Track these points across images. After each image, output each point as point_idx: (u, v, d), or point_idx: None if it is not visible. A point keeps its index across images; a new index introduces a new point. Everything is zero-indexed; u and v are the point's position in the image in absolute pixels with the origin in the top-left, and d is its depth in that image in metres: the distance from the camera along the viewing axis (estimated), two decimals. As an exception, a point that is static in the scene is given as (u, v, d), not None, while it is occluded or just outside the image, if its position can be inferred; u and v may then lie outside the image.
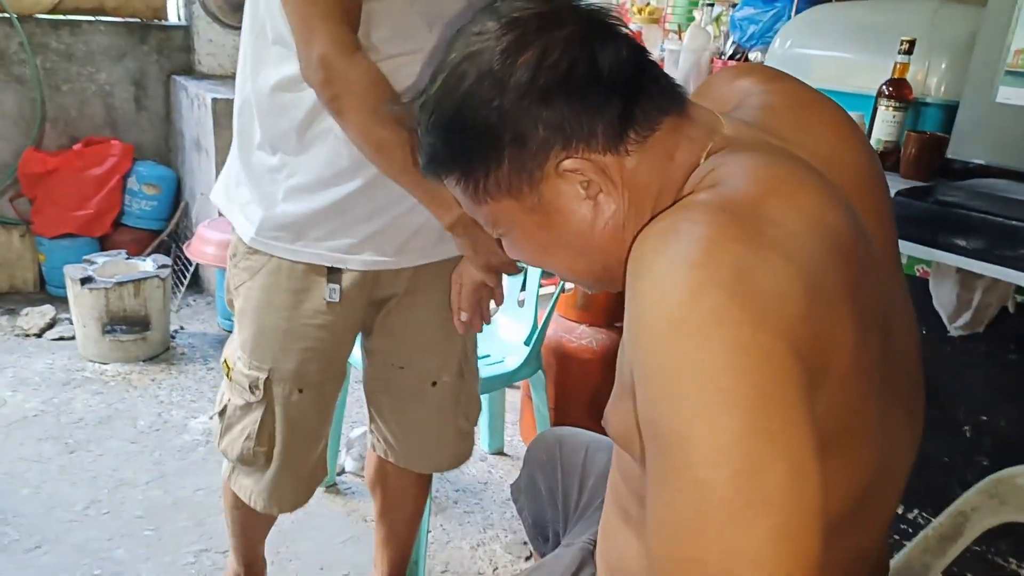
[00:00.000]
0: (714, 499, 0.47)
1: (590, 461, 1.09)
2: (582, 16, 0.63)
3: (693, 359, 0.49)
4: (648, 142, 0.63)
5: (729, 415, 0.48)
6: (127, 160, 3.23)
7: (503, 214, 0.67)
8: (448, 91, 0.64)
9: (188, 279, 3.09)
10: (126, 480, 2.01)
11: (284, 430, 1.24)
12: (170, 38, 3.32)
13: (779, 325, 0.50)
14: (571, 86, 0.61)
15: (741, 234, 0.53)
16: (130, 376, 2.54)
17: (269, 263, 1.18)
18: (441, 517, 1.93)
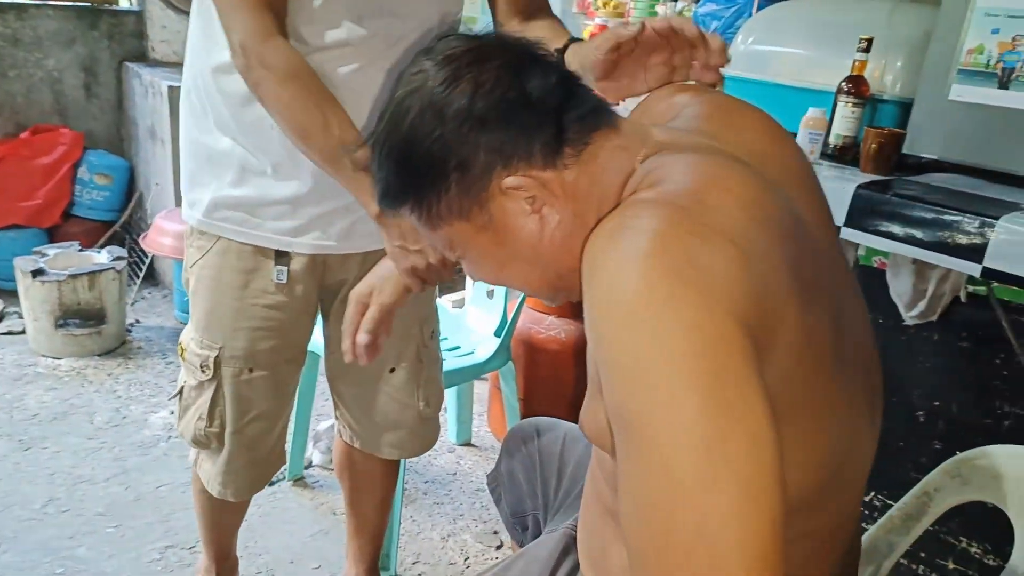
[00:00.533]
0: (680, 471, 0.50)
1: (568, 450, 1.11)
2: (509, 49, 0.69)
3: (651, 343, 0.52)
4: (583, 155, 0.68)
5: (688, 392, 0.51)
6: (77, 149, 3.13)
7: (458, 236, 0.71)
8: (394, 127, 0.69)
9: (144, 271, 3.02)
10: (85, 477, 1.97)
11: (235, 410, 1.25)
12: (122, 23, 3.23)
13: (728, 304, 0.53)
14: (505, 111, 0.66)
15: (684, 222, 0.57)
16: (85, 371, 2.48)
17: (218, 243, 1.19)
18: (411, 508, 1.94)
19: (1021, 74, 1.41)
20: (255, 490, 1.37)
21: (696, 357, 0.51)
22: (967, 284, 1.49)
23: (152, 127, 2.98)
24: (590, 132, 0.68)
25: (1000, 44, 1.43)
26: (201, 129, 1.17)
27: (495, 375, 2.08)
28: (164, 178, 2.94)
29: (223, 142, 1.14)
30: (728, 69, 1.91)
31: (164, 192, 2.97)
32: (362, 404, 1.36)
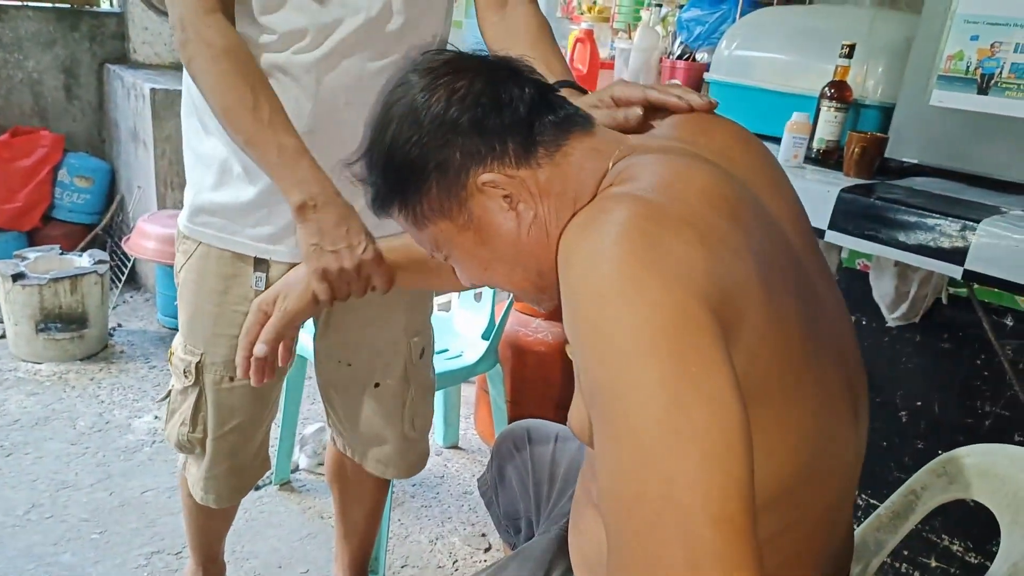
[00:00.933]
0: (647, 438, 0.53)
1: (559, 451, 1.12)
2: (486, 61, 0.75)
3: (618, 321, 0.55)
4: (557, 156, 0.71)
5: (652, 364, 0.54)
6: (57, 151, 3.10)
7: (442, 235, 0.75)
8: (379, 136, 0.74)
9: (125, 275, 3.00)
10: (68, 483, 1.95)
11: (216, 417, 1.24)
12: (103, 25, 3.20)
13: (689, 284, 0.56)
14: (478, 114, 0.70)
15: (649, 212, 0.60)
16: (67, 376, 2.45)
17: (199, 247, 1.18)
18: (399, 511, 1.94)
19: (1000, 80, 1.44)
20: (238, 497, 1.37)
21: (659, 330, 0.54)
22: (948, 286, 1.51)
23: (134, 129, 2.95)
24: (565, 135, 0.72)
25: (979, 51, 1.46)
26: (191, 130, 1.17)
27: (482, 377, 2.09)
28: (147, 181, 2.92)
29: (207, 144, 1.14)
30: (712, 74, 1.94)
31: (147, 195, 2.94)
32: (350, 415, 1.35)
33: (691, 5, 2.15)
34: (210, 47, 0.97)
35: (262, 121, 0.97)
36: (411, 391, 1.33)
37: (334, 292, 0.98)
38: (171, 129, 2.80)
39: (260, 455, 1.35)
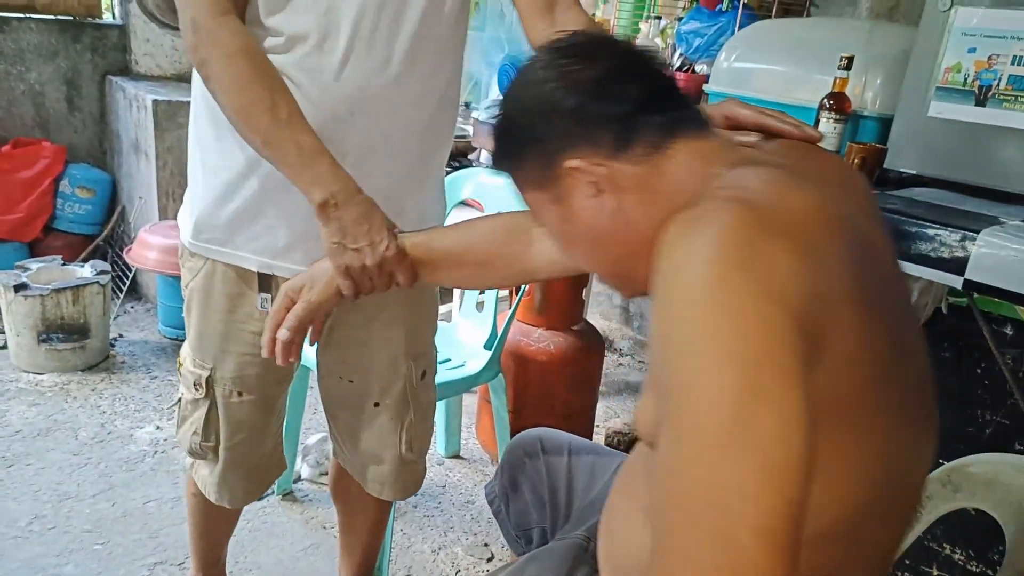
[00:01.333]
0: (709, 440, 0.54)
1: (575, 461, 1.12)
2: (612, 48, 0.76)
3: (703, 322, 0.56)
4: (657, 155, 0.72)
5: (728, 369, 0.54)
6: (59, 162, 3.11)
7: (535, 204, 0.79)
8: (503, 102, 0.80)
9: (127, 285, 3.00)
10: (71, 494, 1.95)
11: (227, 428, 1.25)
12: (105, 37, 3.22)
13: (782, 298, 0.56)
14: (582, 101, 0.72)
15: (754, 219, 0.60)
16: (68, 386, 2.46)
17: (205, 265, 1.18)
18: (401, 522, 1.94)
19: (997, 92, 1.46)
20: (254, 497, 1.38)
21: (741, 338, 0.55)
22: (948, 296, 1.53)
23: (136, 140, 2.96)
24: (670, 136, 0.72)
25: (976, 63, 1.48)
26: (196, 140, 1.17)
27: (484, 387, 2.09)
28: (148, 192, 2.93)
29: (211, 154, 1.13)
30: (711, 86, 1.96)
31: (148, 206, 2.95)
32: (351, 431, 1.35)
33: (690, 18, 2.17)
34: (224, 48, 0.96)
35: (279, 120, 0.96)
36: (410, 413, 1.31)
37: (357, 288, 0.99)
38: (173, 140, 2.81)
39: (274, 456, 1.36)
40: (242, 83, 0.96)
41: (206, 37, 0.96)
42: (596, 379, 2.24)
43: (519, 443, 1.19)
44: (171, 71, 3.29)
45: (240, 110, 0.97)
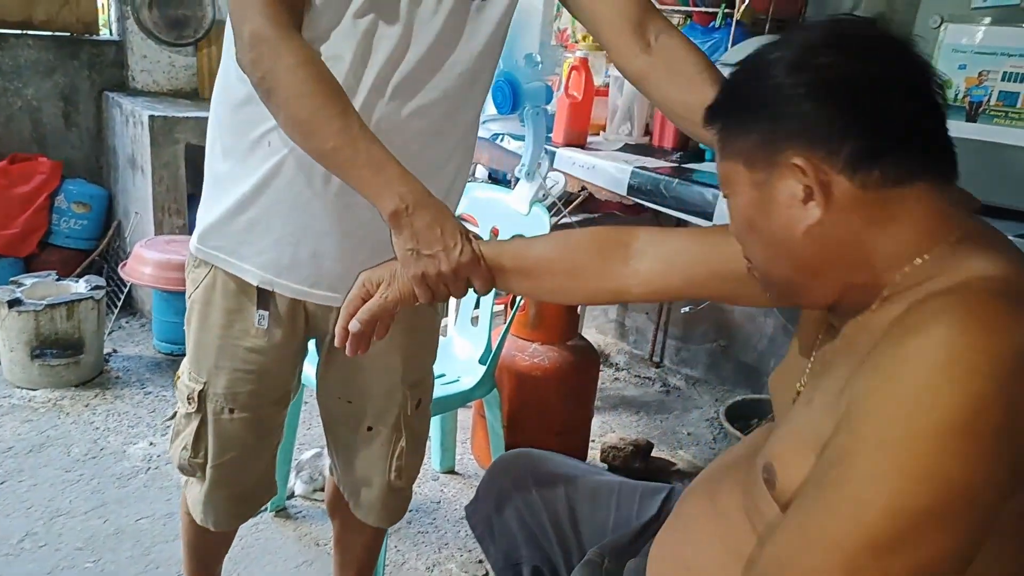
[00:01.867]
0: (865, 537, 0.55)
1: (571, 490, 1.08)
2: (899, 55, 0.67)
3: (927, 426, 0.55)
4: (897, 190, 0.66)
5: (924, 489, 0.54)
6: (55, 178, 3.12)
7: (733, 176, 0.72)
8: (752, 59, 0.71)
9: (122, 300, 2.99)
10: (63, 510, 1.93)
11: (216, 446, 1.24)
12: (102, 53, 3.23)
13: (1015, 424, 0.55)
14: (841, 99, 0.65)
15: None
16: (61, 402, 2.44)
17: (207, 277, 1.17)
18: (395, 538, 1.93)
19: (988, 108, 1.47)
20: (238, 522, 1.36)
21: (966, 467, 0.54)
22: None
23: (132, 156, 2.97)
24: (913, 176, 0.66)
25: (967, 79, 1.49)
26: (213, 155, 1.17)
27: (479, 402, 2.09)
28: (144, 207, 2.93)
29: (223, 167, 1.14)
30: (706, 101, 1.97)
31: (144, 221, 2.95)
32: (345, 451, 1.34)
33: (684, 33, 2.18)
34: (288, 59, 0.93)
35: (346, 128, 0.93)
36: (402, 441, 1.30)
37: (433, 294, 0.95)
38: (169, 155, 2.82)
39: (264, 482, 1.34)
40: (309, 92, 0.93)
41: (269, 50, 0.94)
42: (591, 394, 2.23)
43: (505, 468, 1.15)
44: (168, 87, 3.30)
45: (308, 120, 0.94)
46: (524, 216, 1.82)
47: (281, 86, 0.94)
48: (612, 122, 2.21)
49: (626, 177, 1.80)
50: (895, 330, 0.61)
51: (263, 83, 0.96)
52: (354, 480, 1.35)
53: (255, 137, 1.09)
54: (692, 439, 2.53)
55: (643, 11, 1.07)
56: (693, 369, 2.96)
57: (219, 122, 1.15)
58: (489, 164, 2.29)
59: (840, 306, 0.73)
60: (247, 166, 1.10)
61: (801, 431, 0.69)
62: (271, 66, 0.94)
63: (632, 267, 0.94)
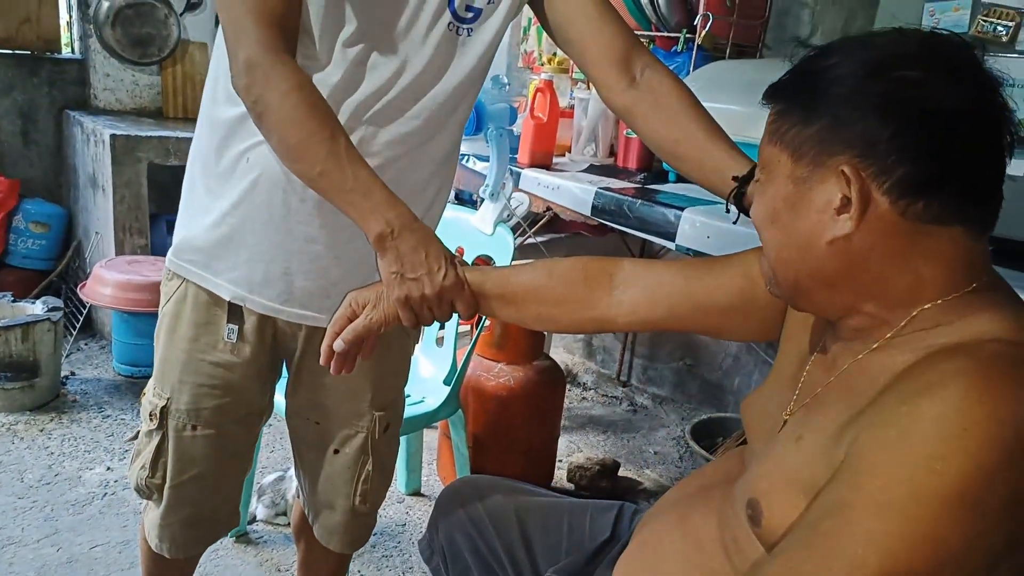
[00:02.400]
0: None
1: (528, 521, 1.07)
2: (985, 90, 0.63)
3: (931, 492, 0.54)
4: (933, 226, 0.64)
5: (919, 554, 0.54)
6: (12, 197, 3.06)
7: (775, 165, 0.69)
8: (830, 47, 0.67)
9: (80, 322, 2.93)
10: (14, 539, 1.87)
11: (175, 465, 1.21)
12: (64, 71, 3.19)
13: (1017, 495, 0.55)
14: (911, 120, 0.62)
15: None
16: (15, 427, 2.38)
17: (179, 290, 1.17)
18: (359, 562, 1.90)
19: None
20: (195, 548, 1.32)
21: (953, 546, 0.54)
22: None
23: (93, 175, 2.93)
24: (953, 219, 0.64)
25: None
26: (192, 168, 1.17)
27: (444, 423, 2.07)
28: (105, 227, 2.88)
29: (201, 183, 1.14)
30: (669, 123, 2.00)
31: (105, 241, 2.90)
32: (311, 473, 1.32)
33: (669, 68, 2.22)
34: (280, 85, 0.94)
35: (337, 152, 0.94)
36: (368, 465, 1.28)
37: (417, 317, 0.96)
38: (131, 175, 2.78)
39: (225, 508, 1.31)
40: (300, 118, 0.94)
41: (262, 76, 0.94)
42: (557, 414, 2.23)
43: (453, 497, 1.13)
44: (131, 105, 3.27)
45: (298, 144, 0.95)
46: (489, 236, 1.83)
47: (272, 111, 0.95)
48: (577, 143, 2.24)
49: (590, 198, 1.81)
50: (905, 385, 0.60)
51: (256, 107, 0.96)
52: (318, 503, 1.33)
53: (234, 154, 1.09)
54: (659, 458, 2.53)
55: (629, 46, 1.08)
56: (660, 388, 2.98)
57: (200, 138, 1.15)
58: (456, 185, 2.29)
59: (841, 329, 0.73)
60: (226, 183, 1.11)
61: (791, 471, 0.67)
62: (263, 92, 0.95)
63: (616, 297, 0.94)
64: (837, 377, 0.71)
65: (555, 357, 2.32)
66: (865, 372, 0.67)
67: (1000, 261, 0.78)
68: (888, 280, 0.66)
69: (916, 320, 0.66)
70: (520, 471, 1.99)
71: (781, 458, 0.70)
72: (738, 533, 0.74)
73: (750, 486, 0.72)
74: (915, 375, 0.61)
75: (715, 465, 0.91)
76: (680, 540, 0.82)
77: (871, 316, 0.69)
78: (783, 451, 0.71)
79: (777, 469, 0.70)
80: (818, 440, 0.66)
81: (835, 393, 0.70)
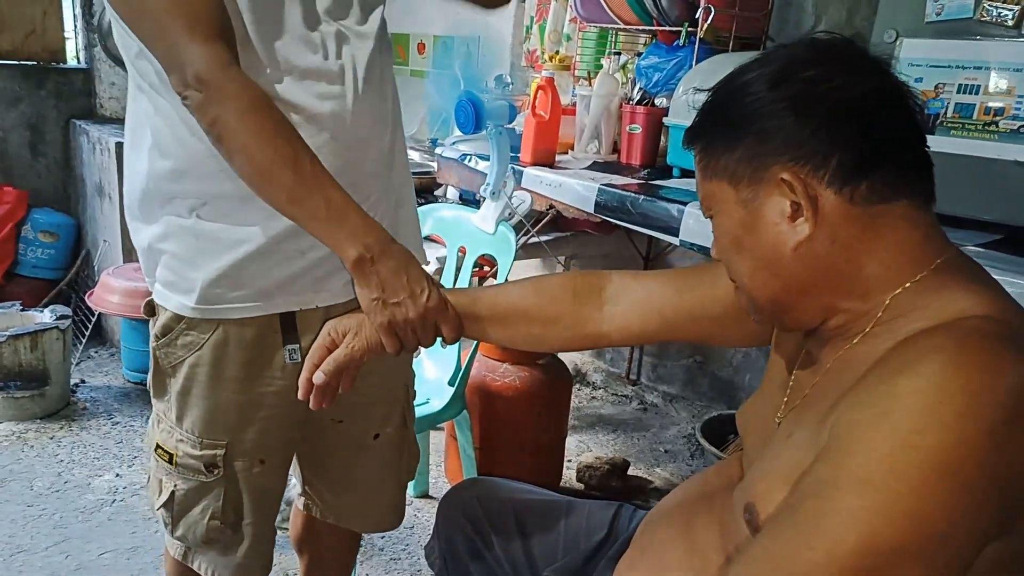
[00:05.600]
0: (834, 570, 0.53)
1: (525, 521, 1.06)
2: (881, 72, 0.67)
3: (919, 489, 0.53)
4: (881, 206, 0.65)
5: (900, 528, 0.53)
6: (21, 208, 3.09)
7: (718, 196, 0.71)
8: (732, 77, 0.71)
9: (90, 330, 2.95)
10: (24, 547, 1.88)
11: (251, 503, 1.15)
12: (70, 82, 3.21)
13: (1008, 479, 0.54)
14: (829, 112, 0.64)
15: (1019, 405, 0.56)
16: (25, 435, 2.39)
17: (214, 335, 1.05)
18: (367, 566, 1.89)
19: (945, 120, 1.48)
20: (269, 568, 1.27)
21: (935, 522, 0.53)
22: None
23: (100, 184, 2.94)
24: (898, 193, 0.65)
25: (924, 92, 1.51)
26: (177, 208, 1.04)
27: (451, 424, 2.06)
28: (112, 235, 2.89)
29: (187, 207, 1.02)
30: (671, 118, 1.98)
31: (113, 249, 2.92)
32: (340, 475, 1.27)
33: (649, 53, 2.20)
34: (236, 101, 0.88)
35: (304, 175, 0.89)
36: (409, 434, 1.29)
37: (401, 343, 0.92)
38: (137, 182, 2.79)
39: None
40: (261, 139, 0.89)
41: (215, 93, 0.87)
42: (564, 413, 2.21)
43: (454, 501, 1.12)
44: (137, 114, 3.28)
45: (262, 168, 0.89)
46: (491, 235, 1.82)
47: (231, 133, 0.89)
48: (580, 140, 2.22)
49: (593, 195, 1.79)
50: (884, 366, 0.60)
51: (213, 128, 0.90)
52: (355, 499, 1.29)
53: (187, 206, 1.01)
54: (669, 456, 2.51)
55: None
56: (670, 386, 2.95)
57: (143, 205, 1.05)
58: (459, 185, 2.28)
59: (823, 331, 0.72)
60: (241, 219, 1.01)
61: (783, 469, 0.67)
62: (219, 112, 0.88)
63: (607, 312, 0.94)
64: (823, 376, 0.71)
65: (564, 357, 2.30)
66: (849, 364, 0.67)
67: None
68: (857, 271, 0.67)
69: (892, 307, 0.66)
70: (528, 471, 1.97)
71: (774, 459, 0.70)
72: (740, 543, 0.73)
73: (747, 491, 0.72)
74: (894, 357, 0.60)
75: (717, 469, 0.90)
76: (683, 549, 0.81)
77: (849, 311, 0.69)
78: (776, 452, 0.71)
79: (772, 471, 0.69)
80: (805, 435, 0.66)
81: (822, 391, 0.70)
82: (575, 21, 2.56)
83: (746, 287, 0.74)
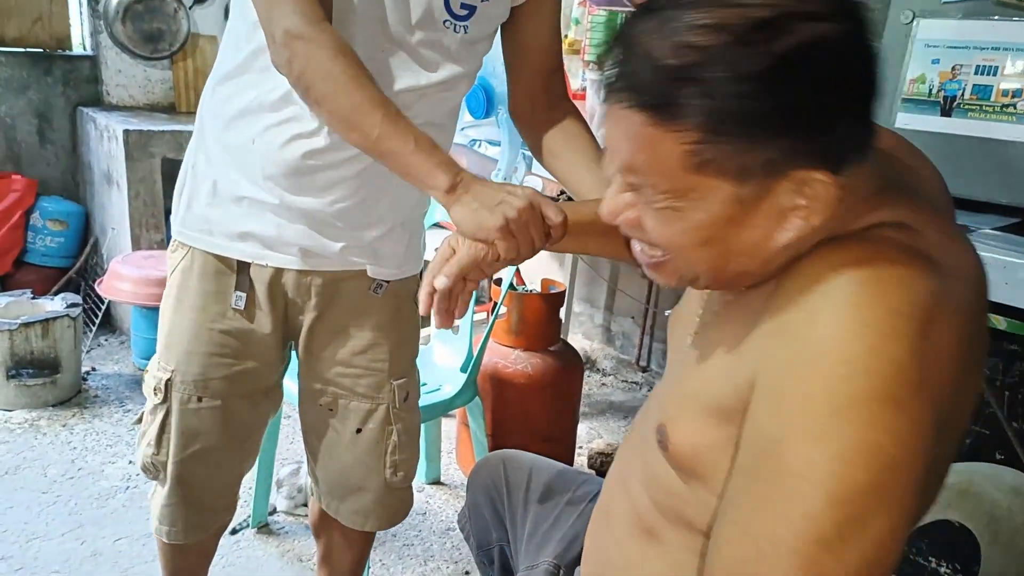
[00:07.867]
0: (816, 532, 0.53)
1: (534, 481, 1.09)
2: None
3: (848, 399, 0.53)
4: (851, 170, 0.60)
5: (859, 466, 0.52)
6: (30, 195, 3.08)
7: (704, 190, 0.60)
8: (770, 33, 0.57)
9: (100, 317, 2.95)
10: (39, 533, 1.89)
11: (178, 439, 1.20)
12: (76, 69, 3.20)
13: (934, 390, 0.54)
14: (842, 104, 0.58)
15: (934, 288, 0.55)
16: (38, 422, 2.40)
17: (184, 259, 1.17)
18: (380, 551, 1.90)
19: (962, 101, 1.46)
20: (195, 535, 1.29)
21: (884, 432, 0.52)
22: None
23: (108, 171, 2.94)
24: (865, 154, 0.61)
25: (941, 74, 1.49)
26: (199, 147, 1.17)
27: (462, 411, 2.06)
28: (120, 222, 2.89)
29: (207, 154, 1.15)
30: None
31: (121, 236, 2.92)
32: (329, 465, 1.30)
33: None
34: (322, 54, 0.94)
35: (390, 117, 0.94)
36: (394, 437, 1.28)
37: (518, 241, 0.88)
38: (145, 170, 2.79)
39: (226, 496, 1.30)
40: (346, 86, 0.94)
41: (305, 46, 0.94)
42: (576, 400, 2.21)
43: (483, 465, 1.17)
44: (144, 101, 3.28)
45: (352, 112, 0.95)
46: (502, 222, 1.80)
47: (321, 80, 0.95)
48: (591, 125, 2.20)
49: (604, 180, 1.78)
50: (795, 282, 0.58)
51: (300, 81, 0.96)
52: (342, 492, 1.31)
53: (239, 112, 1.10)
54: (680, 443, 2.51)
55: (555, 71, 1.22)
56: (679, 372, 2.95)
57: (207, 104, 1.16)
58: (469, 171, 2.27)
59: None
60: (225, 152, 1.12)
61: (693, 392, 0.66)
62: (306, 64, 0.95)
63: None
64: (737, 294, 0.69)
65: (574, 344, 2.30)
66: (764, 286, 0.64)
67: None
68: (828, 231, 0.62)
69: None
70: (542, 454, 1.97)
71: (683, 380, 0.70)
72: (656, 468, 0.71)
73: (659, 411, 0.71)
74: (804, 270, 0.59)
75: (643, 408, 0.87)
76: (622, 495, 0.80)
77: None
78: (685, 372, 0.70)
79: (680, 392, 0.69)
80: (716, 359, 0.65)
81: (731, 306, 0.68)
82: (584, 4, 2.54)
83: (701, 271, 0.66)
